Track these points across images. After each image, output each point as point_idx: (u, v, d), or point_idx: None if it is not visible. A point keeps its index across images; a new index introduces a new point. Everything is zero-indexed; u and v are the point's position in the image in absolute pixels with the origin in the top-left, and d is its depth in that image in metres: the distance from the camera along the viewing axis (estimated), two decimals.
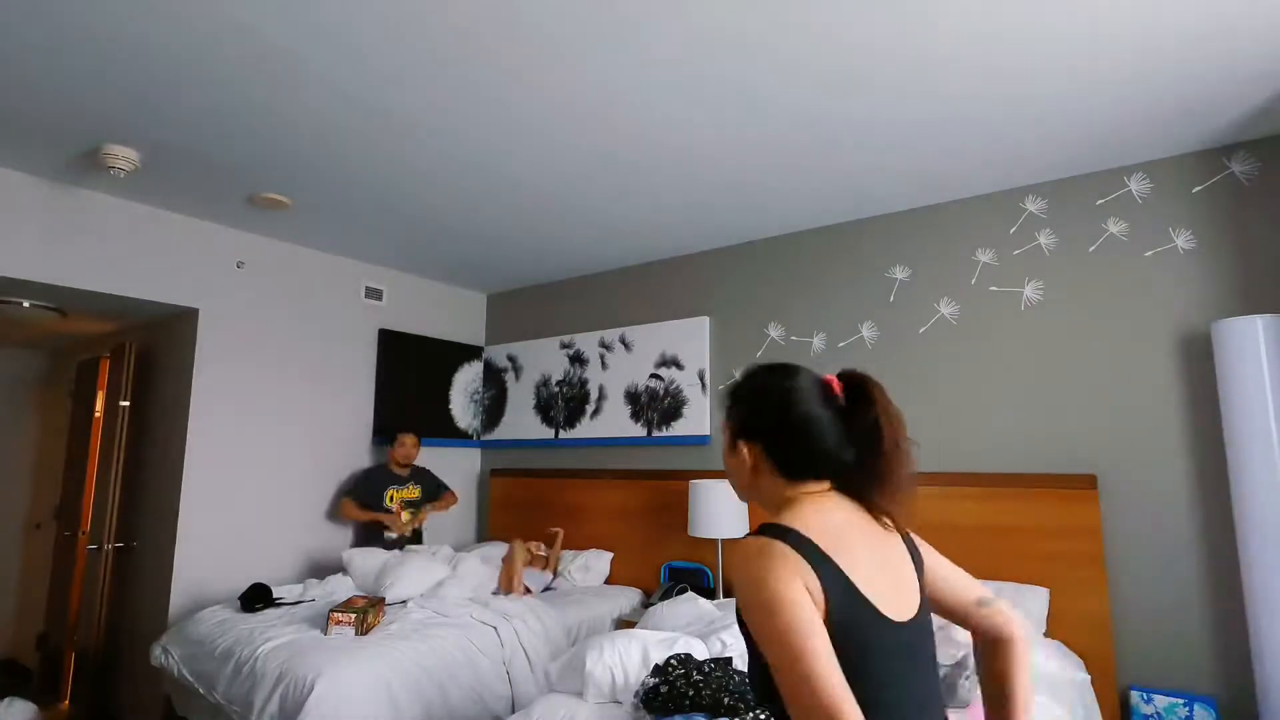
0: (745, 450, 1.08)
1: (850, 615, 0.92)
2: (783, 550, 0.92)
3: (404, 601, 3.05)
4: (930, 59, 2.01)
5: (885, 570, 1.00)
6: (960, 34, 1.89)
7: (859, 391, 1.06)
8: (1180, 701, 2.35)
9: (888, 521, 1.05)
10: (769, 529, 0.97)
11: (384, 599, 2.91)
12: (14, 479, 4.80)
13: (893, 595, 0.98)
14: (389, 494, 3.74)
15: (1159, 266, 2.63)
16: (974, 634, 1.14)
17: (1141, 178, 2.69)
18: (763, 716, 1.59)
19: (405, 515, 3.71)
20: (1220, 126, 2.41)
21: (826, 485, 1.06)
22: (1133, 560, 2.56)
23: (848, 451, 1.04)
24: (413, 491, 3.83)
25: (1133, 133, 2.46)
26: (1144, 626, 2.51)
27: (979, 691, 1.75)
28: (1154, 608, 2.51)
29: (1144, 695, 2.42)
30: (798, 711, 0.85)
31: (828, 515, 1.00)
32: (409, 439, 3.84)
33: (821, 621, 0.88)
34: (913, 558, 1.06)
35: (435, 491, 3.95)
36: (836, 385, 1.07)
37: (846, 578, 0.93)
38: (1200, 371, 2.51)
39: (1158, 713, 2.39)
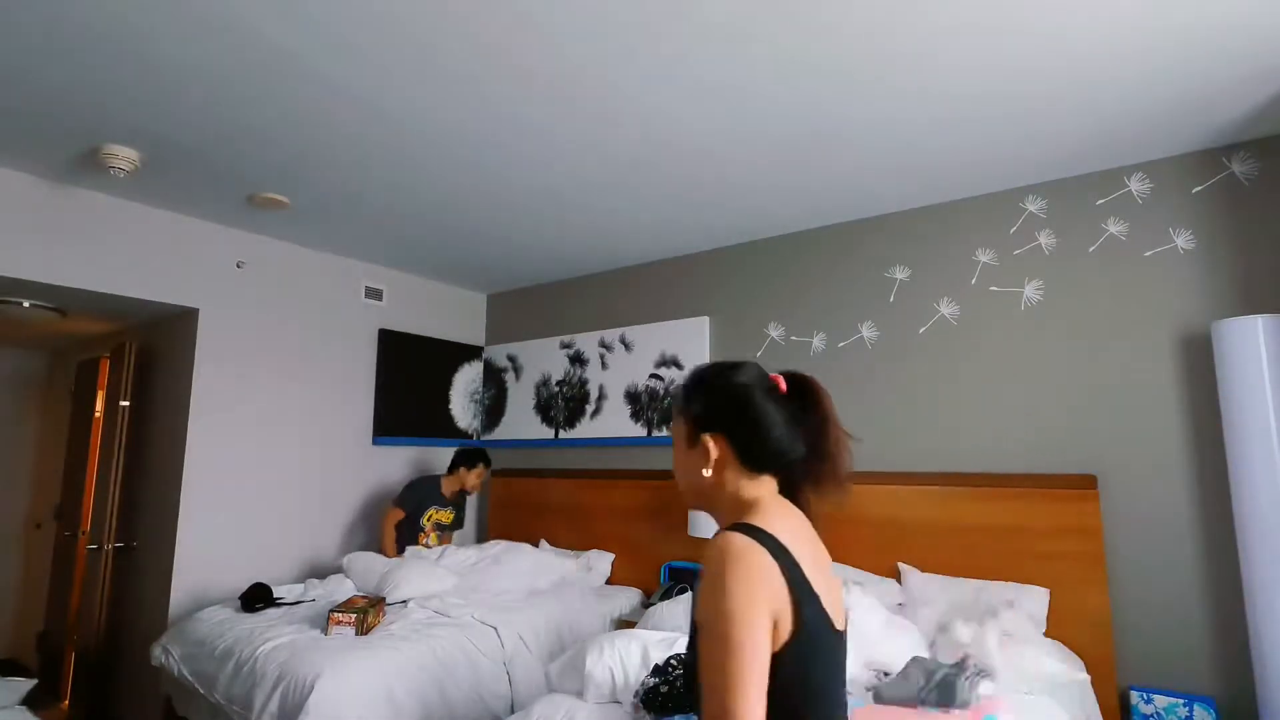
0: (710, 443, 1.05)
1: (816, 624, 0.91)
2: (760, 560, 0.89)
3: (404, 602, 3.05)
4: (930, 57, 2.01)
5: (828, 576, 0.99)
6: (961, 32, 1.89)
7: (803, 391, 1.06)
8: (1180, 701, 2.35)
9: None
10: (747, 529, 0.93)
11: (384, 599, 2.91)
12: (14, 479, 4.80)
13: (835, 604, 0.97)
14: (430, 512, 3.74)
15: (1159, 266, 2.63)
16: None
17: (1141, 178, 2.69)
18: None
19: (434, 538, 3.72)
20: (1220, 126, 2.41)
21: (775, 483, 1.06)
22: (1133, 560, 2.56)
23: (799, 447, 1.04)
24: (448, 516, 3.83)
25: (1133, 133, 2.46)
26: (1144, 626, 2.51)
27: (980, 690, 1.75)
28: (1154, 608, 2.51)
29: (1144, 695, 2.42)
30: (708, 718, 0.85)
31: (789, 518, 1.00)
32: (484, 472, 3.85)
33: (768, 650, 0.86)
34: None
35: (462, 520, 3.95)
36: (782, 384, 1.07)
37: (811, 586, 0.92)
38: (1200, 371, 2.51)
39: (1158, 713, 2.39)
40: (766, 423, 1.03)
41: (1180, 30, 1.87)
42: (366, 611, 2.65)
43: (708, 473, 1.05)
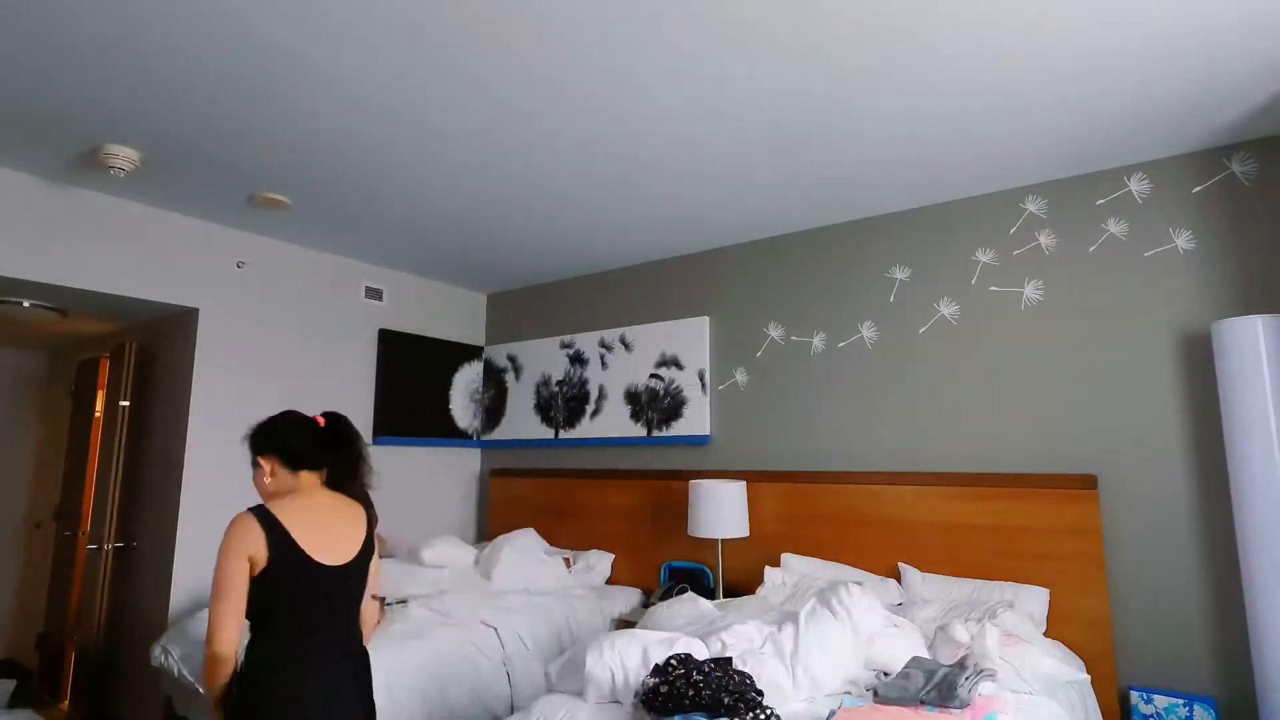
0: (264, 463, 1.67)
1: (285, 557, 1.51)
2: (246, 520, 1.51)
3: (403, 601, 3.05)
4: (931, 52, 2.01)
5: (326, 531, 1.60)
6: (961, 29, 1.89)
7: (336, 422, 1.73)
8: (1180, 702, 2.36)
9: (355, 501, 1.71)
10: (252, 508, 1.54)
11: (384, 599, 2.91)
12: (14, 479, 4.80)
13: (329, 548, 1.58)
14: None
15: (1159, 267, 2.63)
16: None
17: (1141, 178, 2.69)
18: (763, 717, 1.59)
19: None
20: (1220, 126, 2.41)
21: (318, 477, 1.69)
22: (1133, 560, 2.56)
23: (324, 456, 1.70)
24: None
25: (1133, 132, 2.46)
26: (1144, 626, 2.51)
27: (980, 690, 1.75)
28: (1154, 608, 2.51)
29: (1144, 695, 2.42)
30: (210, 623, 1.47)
31: (298, 498, 1.61)
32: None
33: (245, 576, 1.48)
34: (368, 532, 1.70)
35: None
36: (320, 420, 1.73)
37: (288, 534, 1.52)
38: (1200, 372, 2.51)
39: (1158, 713, 2.39)
40: (294, 442, 1.68)
41: (1180, 28, 1.87)
42: None
43: (269, 481, 1.67)
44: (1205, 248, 2.56)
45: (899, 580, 2.89)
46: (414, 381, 4.26)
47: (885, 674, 2.05)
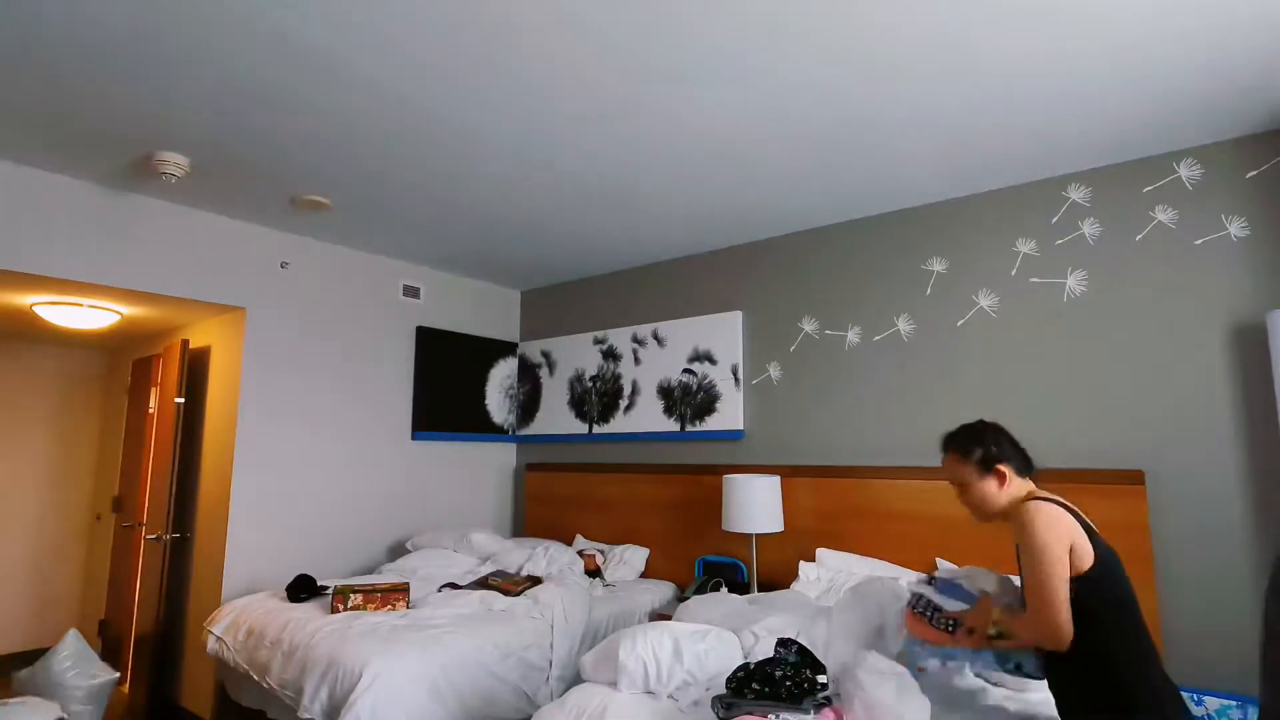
0: (1004, 469, 1.67)
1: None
2: (1057, 509, 1.54)
3: (440, 590, 3.12)
4: (969, 40, 1.97)
5: None
6: (1000, 12, 1.85)
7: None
8: (1233, 704, 2.28)
9: None
10: (1041, 498, 1.58)
11: (406, 586, 2.97)
12: (77, 473, 5.04)
13: None
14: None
15: (1210, 255, 2.53)
16: None
17: (1191, 163, 2.59)
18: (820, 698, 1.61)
19: None
20: (1276, 107, 2.31)
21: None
22: (1182, 558, 2.48)
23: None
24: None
25: (1182, 116, 2.37)
26: (1194, 626, 2.44)
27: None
28: (1205, 607, 2.43)
29: (1194, 697, 2.35)
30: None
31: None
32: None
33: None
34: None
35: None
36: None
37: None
38: (1254, 364, 2.42)
39: (1209, 715, 2.31)
40: (1016, 444, 1.75)
41: (1231, 4, 1.80)
42: (347, 594, 2.84)
43: (1003, 488, 1.68)
44: (1260, 235, 2.45)
45: None
46: (450, 378, 4.34)
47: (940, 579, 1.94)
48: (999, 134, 2.51)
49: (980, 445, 1.71)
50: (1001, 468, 1.67)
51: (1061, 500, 1.59)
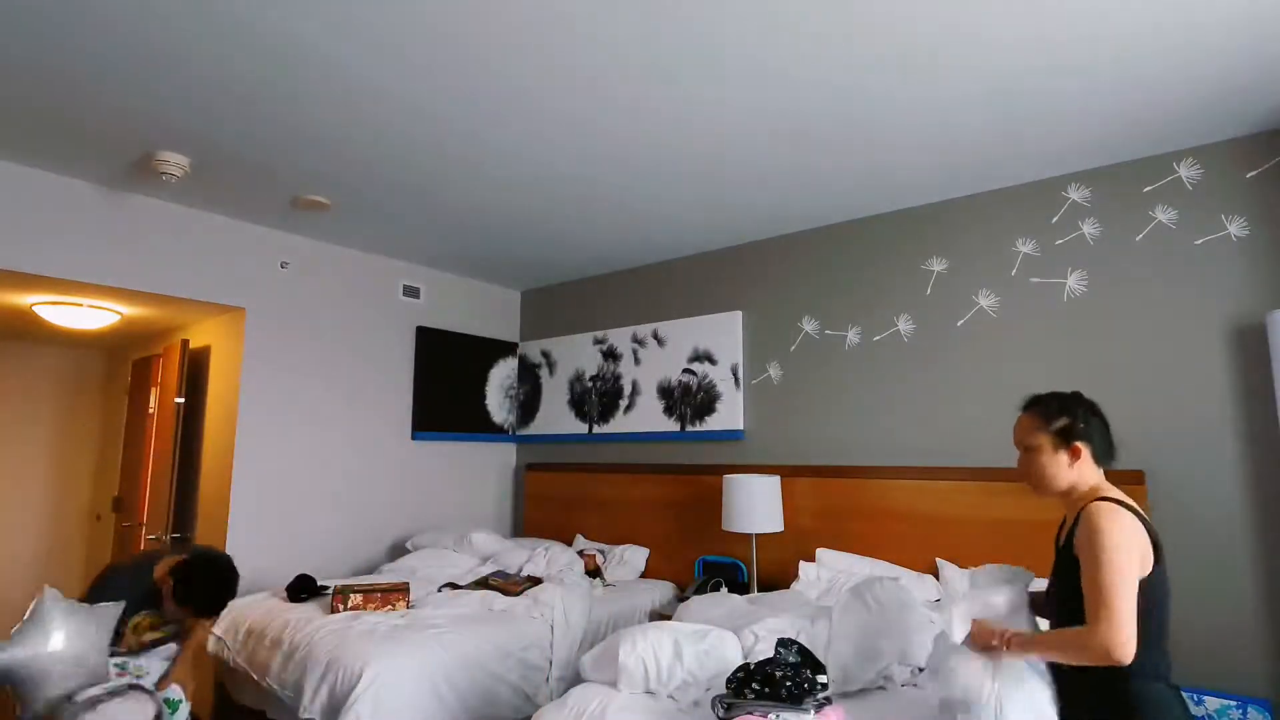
0: (1080, 447, 1.54)
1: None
2: (1134, 519, 1.43)
3: (440, 590, 3.12)
4: (969, 39, 1.97)
5: None
6: (1001, 12, 1.85)
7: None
8: (1233, 704, 2.28)
9: None
10: (1115, 501, 1.46)
11: (406, 585, 2.96)
12: (76, 473, 5.03)
13: None
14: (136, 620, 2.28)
15: (1210, 255, 2.54)
16: None
17: (1191, 163, 2.60)
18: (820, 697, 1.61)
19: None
20: (1276, 108, 2.31)
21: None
22: (1182, 558, 2.48)
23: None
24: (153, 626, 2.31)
25: (1182, 115, 2.38)
26: (1195, 626, 2.44)
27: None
28: (1205, 607, 2.43)
29: (1195, 697, 2.35)
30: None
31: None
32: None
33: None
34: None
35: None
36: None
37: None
38: (1254, 363, 2.42)
39: (1209, 715, 2.32)
40: (1104, 424, 1.60)
41: (1231, 4, 1.80)
42: (348, 594, 2.83)
43: (1066, 469, 1.55)
44: (1260, 235, 2.46)
45: (937, 576, 2.85)
46: (450, 378, 4.34)
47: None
48: (999, 133, 2.51)
49: (1067, 415, 1.57)
50: (1079, 445, 1.54)
51: (1133, 505, 1.48)
